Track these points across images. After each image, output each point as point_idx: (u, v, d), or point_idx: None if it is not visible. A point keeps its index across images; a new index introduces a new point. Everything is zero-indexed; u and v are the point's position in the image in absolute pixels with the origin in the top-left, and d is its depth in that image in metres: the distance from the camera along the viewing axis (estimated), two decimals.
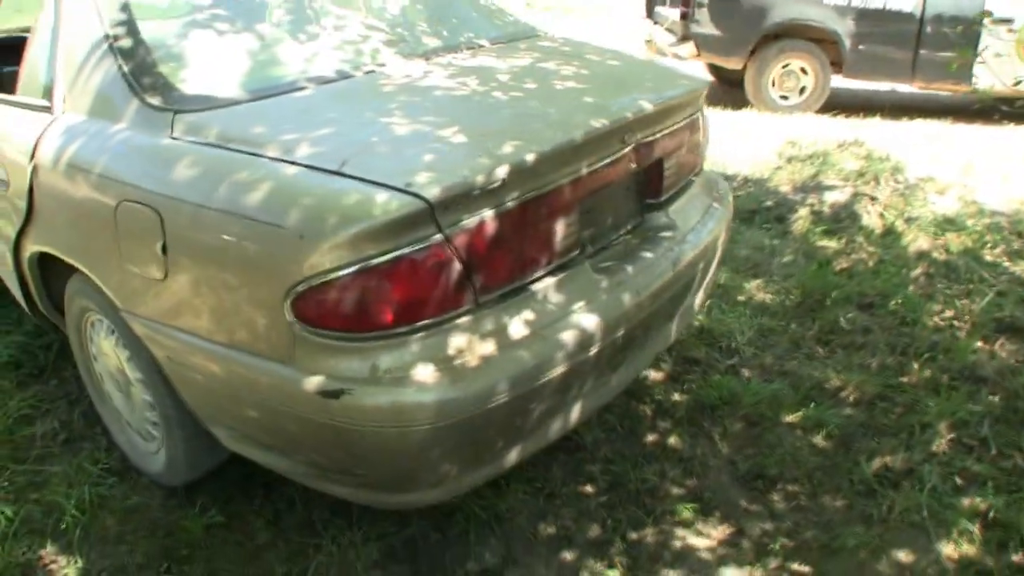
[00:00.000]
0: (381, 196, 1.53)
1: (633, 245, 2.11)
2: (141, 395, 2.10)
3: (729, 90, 7.24)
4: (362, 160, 1.63)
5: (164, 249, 1.72)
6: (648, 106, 2.03)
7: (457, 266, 1.60)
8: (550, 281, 1.82)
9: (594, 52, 2.64)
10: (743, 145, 5.20)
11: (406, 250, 1.53)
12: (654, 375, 2.74)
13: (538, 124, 1.87)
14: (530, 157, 1.68)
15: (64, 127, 2.06)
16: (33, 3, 2.55)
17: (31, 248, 2.23)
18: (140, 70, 1.97)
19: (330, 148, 1.68)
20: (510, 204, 1.68)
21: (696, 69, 7.60)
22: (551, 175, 1.76)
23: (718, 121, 5.87)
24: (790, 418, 2.52)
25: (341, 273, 1.51)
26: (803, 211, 4.01)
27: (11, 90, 2.44)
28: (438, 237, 1.57)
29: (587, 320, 1.80)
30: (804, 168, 4.60)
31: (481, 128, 1.80)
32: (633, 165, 2.03)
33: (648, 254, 2.07)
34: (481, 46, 2.53)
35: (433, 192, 1.54)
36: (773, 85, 6.63)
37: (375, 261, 1.51)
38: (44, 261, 2.24)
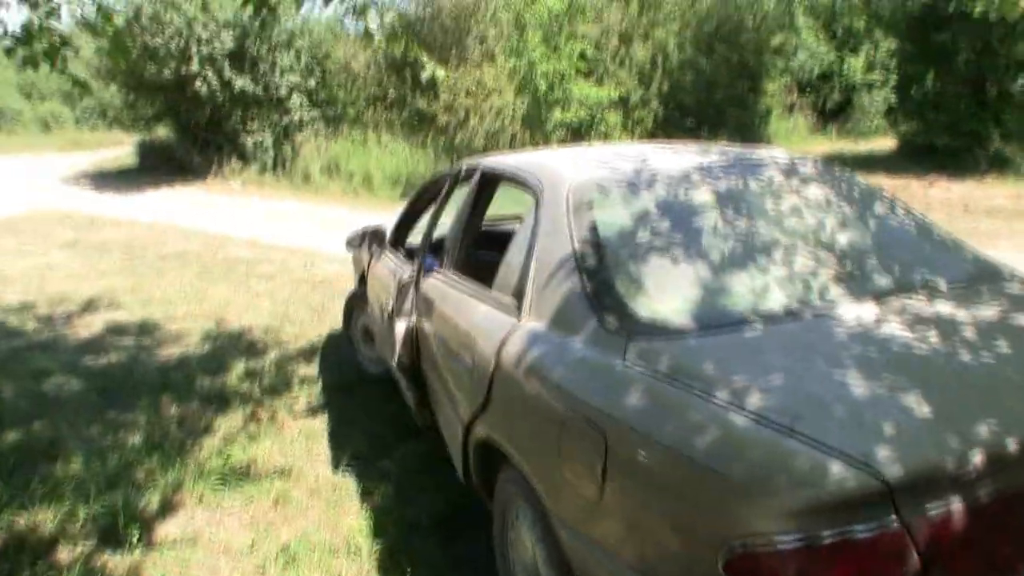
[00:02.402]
0: (835, 466, 1.39)
1: None
2: None
3: None
4: (814, 419, 1.51)
5: (604, 471, 1.74)
6: None
7: (914, 559, 1.38)
8: None
9: None
10: None
11: (858, 531, 1.37)
12: None
13: (1020, 401, 1.61)
14: (1013, 444, 1.45)
15: (528, 332, 2.25)
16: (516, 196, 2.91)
17: (480, 433, 2.43)
18: (601, 290, 2.10)
19: (781, 401, 1.59)
20: (984, 497, 1.43)
21: None
22: None
23: None
24: None
25: (782, 541, 1.39)
26: None
27: (485, 279, 2.78)
28: (895, 523, 1.37)
29: None
30: None
31: (949, 399, 1.60)
32: None
33: None
34: (938, 289, 2.27)
35: (894, 471, 1.38)
36: None
37: (820, 536, 1.37)
38: (486, 443, 2.42)
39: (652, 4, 16.49)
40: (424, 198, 4.22)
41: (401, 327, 3.29)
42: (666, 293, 2.14)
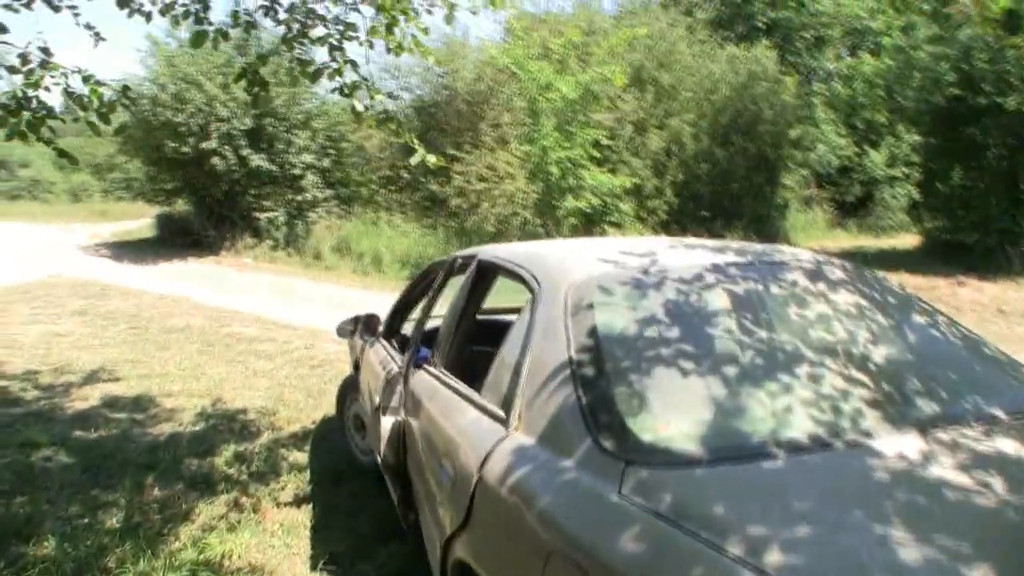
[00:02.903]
0: None
1: None
2: None
3: None
4: None
5: None
6: None
7: None
8: None
9: None
10: None
11: None
12: None
13: None
14: None
15: (514, 446, 1.99)
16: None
17: (457, 554, 2.16)
18: (598, 406, 1.84)
19: (808, 562, 1.32)
20: None
21: None
22: None
23: None
24: None
25: None
26: None
27: (477, 377, 2.53)
28: None
29: None
30: None
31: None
32: None
33: None
34: (995, 418, 1.93)
35: None
36: None
37: None
38: (464, 565, 2.15)
39: (668, 94, 16.67)
40: (419, 288, 4.06)
41: (388, 423, 3.06)
42: (672, 412, 1.88)
